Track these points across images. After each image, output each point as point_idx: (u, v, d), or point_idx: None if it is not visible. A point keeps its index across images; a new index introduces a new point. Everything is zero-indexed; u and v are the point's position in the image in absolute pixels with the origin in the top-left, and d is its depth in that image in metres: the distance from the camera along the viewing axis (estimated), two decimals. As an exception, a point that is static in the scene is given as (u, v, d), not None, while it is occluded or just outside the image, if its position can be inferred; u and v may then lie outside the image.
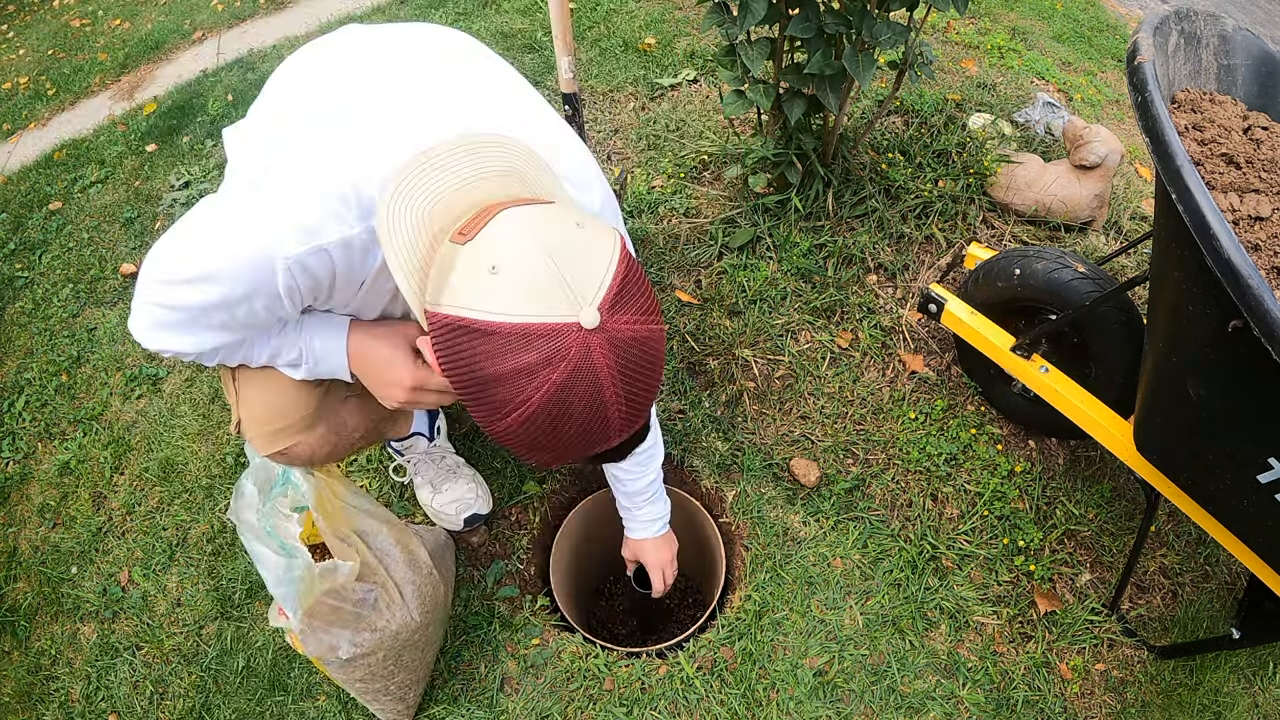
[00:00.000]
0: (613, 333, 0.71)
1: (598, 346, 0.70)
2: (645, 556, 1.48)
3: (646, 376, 0.75)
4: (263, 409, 1.05)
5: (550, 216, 0.76)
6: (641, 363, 0.74)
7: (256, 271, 0.82)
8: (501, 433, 0.74)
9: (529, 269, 0.70)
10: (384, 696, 1.29)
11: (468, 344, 0.71)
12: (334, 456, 1.17)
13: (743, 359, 1.80)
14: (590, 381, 0.70)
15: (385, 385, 1.00)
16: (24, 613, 1.66)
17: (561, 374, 0.69)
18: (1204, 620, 1.49)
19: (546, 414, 0.71)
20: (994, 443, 1.66)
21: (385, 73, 0.95)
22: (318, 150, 0.87)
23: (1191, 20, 1.17)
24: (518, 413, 0.71)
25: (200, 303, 0.86)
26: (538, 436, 0.73)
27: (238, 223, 0.83)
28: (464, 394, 0.74)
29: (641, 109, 2.44)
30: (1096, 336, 1.43)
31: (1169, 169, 0.93)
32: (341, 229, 0.83)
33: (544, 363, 0.69)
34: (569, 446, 0.75)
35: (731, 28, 1.57)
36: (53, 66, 3.52)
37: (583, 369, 0.70)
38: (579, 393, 0.70)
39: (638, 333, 0.73)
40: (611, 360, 0.71)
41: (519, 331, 0.69)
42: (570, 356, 0.69)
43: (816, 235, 1.94)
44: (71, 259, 2.40)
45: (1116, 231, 1.99)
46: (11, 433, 1.98)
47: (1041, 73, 2.57)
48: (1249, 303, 0.85)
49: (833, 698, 1.38)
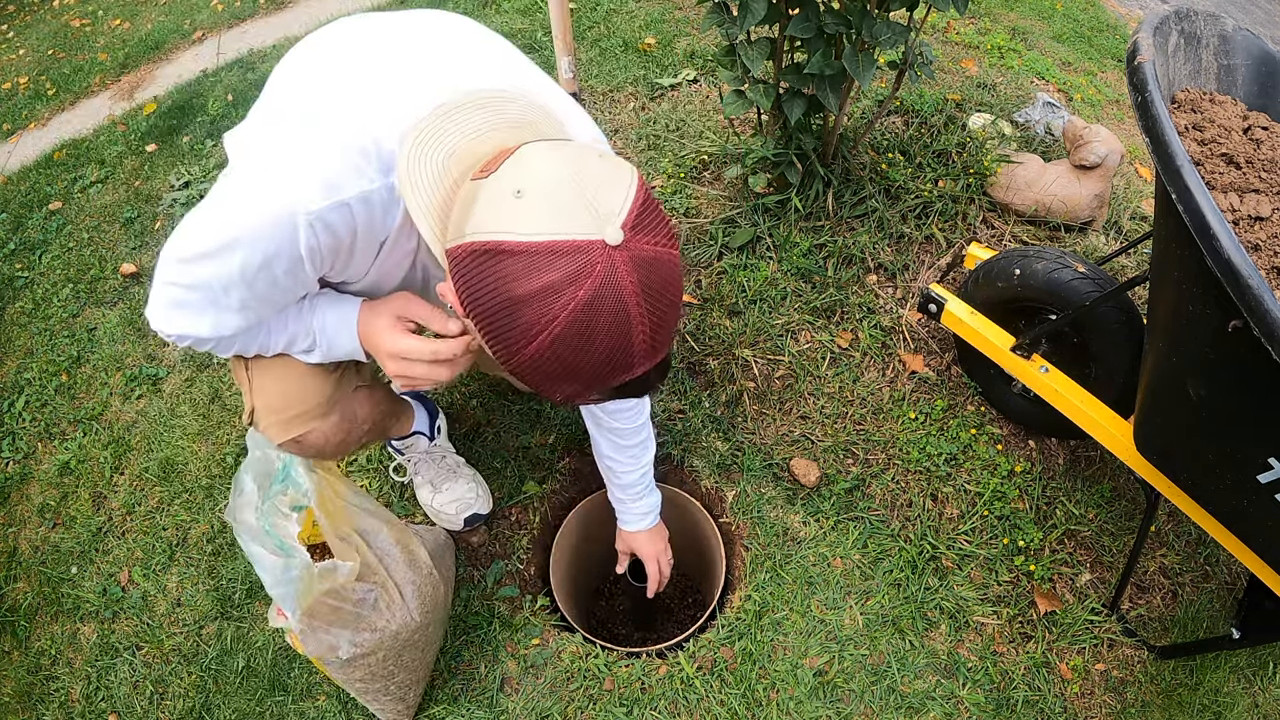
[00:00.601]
0: (636, 250, 0.71)
1: (622, 263, 0.70)
2: (641, 548, 1.51)
3: (669, 299, 0.75)
4: (278, 397, 1.06)
5: (571, 147, 0.77)
6: (664, 284, 0.74)
7: (279, 229, 0.82)
8: (528, 361, 0.73)
9: (554, 190, 0.71)
10: (384, 696, 1.29)
11: (493, 268, 0.70)
12: (344, 448, 1.18)
13: (743, 359, 1.80)
14: (616, 299, 0.70)
15: (380, 359, 1.00)
16: (24, 613, 1.66)
17: (588, 291, 0.69)
18: (1204, 620, 1.49)
19: (574, 333, 0.70)
20: (994, 443, 1.66)
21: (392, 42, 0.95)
22: (335, 108, 0.87)
23: (1191, 20, 1.17)
24: (545, 334, 0.71)
25: (220, 279, 0.86)
26: (565, 361, 0.72)
27: (257, 184, 0.84)
28: (489, 324, 0.73)
29: (641, 109, 2.44)
30: (1096, 336, 1.43)
31: (1169, 169, 0.93)
32: (362, 183, 0.84)
33: (570, 279, 0.68)
34: (595, 373, 0.74)
35: (731, 28, 1.57)
36: (53, 66, 3.52)
37: (608, 285, 0.69)
38: (605, 311, 0.70)
39: (660, 254, 0.73)
40: (635, 278, 0.71)
41: (545, 249, 0.69)
42: (596, 273, 0.69)
43: (816, 235, 1.94)
44: (71, 259, 2.40)
45: (1116, 231, 1.99)
46: (11, 433, 1.98)
47: (1041, 73, 2.57)
48: (1249, 303, 0.85)
49: (833, 698, 1.38)
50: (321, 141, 0.84)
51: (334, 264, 0.92)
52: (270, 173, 0.84)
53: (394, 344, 0.97)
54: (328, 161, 0.83)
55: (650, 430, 1.39)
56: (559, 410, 1.76)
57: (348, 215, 0.84)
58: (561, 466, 1.70)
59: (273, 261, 0.85)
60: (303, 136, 0.86)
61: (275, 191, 0.82)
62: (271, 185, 0.83)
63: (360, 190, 0.84)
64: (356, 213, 0.85)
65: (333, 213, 0.83)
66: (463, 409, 1.78)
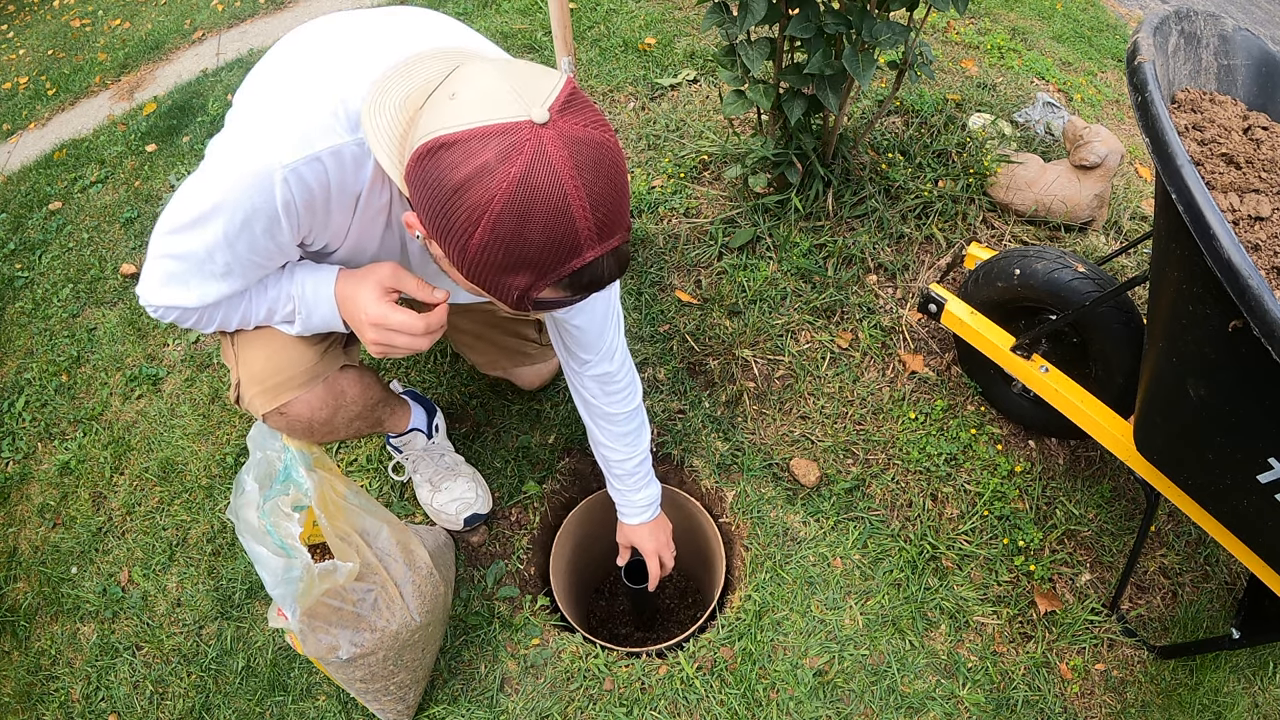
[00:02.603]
0: (563, 129, 0.75)
1: (550, 140, 0.73)
2: (642, 542, 1.50)
3: (607, 178, 0.77)
4: (261, 365, 1.11)
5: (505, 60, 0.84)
6: (598, 161, 0.76)
7: (256, 187, 0.87)
8: (476, 252, 0.76)
9: (485, 87, 0.76)
10: (384, 696, 1.29)
11: (434, 164, 0.75)
12: (331, 429, 1.20)
13: (743, 359, 1.80)
14: (547, 172, 0.73)
15: (361, 326, 1.02)
16: (24, 613, 1.66)
17: (519, 167, 0.72)
18: (1204, 620, 1.49)
19: (512, 212, 0.73)
20: (994, 443, 1.66)
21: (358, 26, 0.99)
22: (303, 81, 0.92)
23: (1191, 20, 1.17)
24: (486, 216, 0.74)
25: (206, 244, 0.91)
26: (510, 244, 0.75)
27: (233, 150, 0.89)
28: (437, 221, 0.77)
29: (641, 109, 2.44)
30: (1096, 336, 1.43)
31: (1169, 169, 0.93)
32: (331, 139, 0.88)
33: (501, 157, 0.72)
34: (543, 257, 0.76)
35: (731, 28, 1.57)
36: (53, 66, 3.53)
37: (539, 160, 0.73)
38: (538, 185, 0.73)
39: (590, 134, 0.76)
40: (565, 154, 0.74)
41: (477, 134, 0.73)
42: (525, 150, 0.73)
43: (816, 235, 1.94)
44: (71, 259, 2.40)
45: (1116, 231, 1.99)
46: (11, 433, 1.98)
47: (1041, 73, 2.57)
48: (1249, 303, 0.85)
49: (833, 698, 1.38)
50: (291, 106, 0.89)
51: (312, 226, 0.95)
52: (244, 138, 0.89)
53: (381, 314, 0.99)
54: (298, 121, 0.88)
55: (644, 417, 1.41)
56: (559, 410, 1.76)
57: (320, 170, 0.88)
58: (561, 466, 1.70)
59: (252, 220, 0.89)
60: (274, 105, 0.91)
61: (250, 153, 0.87)
62: (246, 148, 0.88)
63: (331, 144, 0.88)
64: (329, 167, 0.89)
65: (305, 166, 0.87)
66: (463, 409, 1.78)
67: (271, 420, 1.14)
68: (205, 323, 1.05)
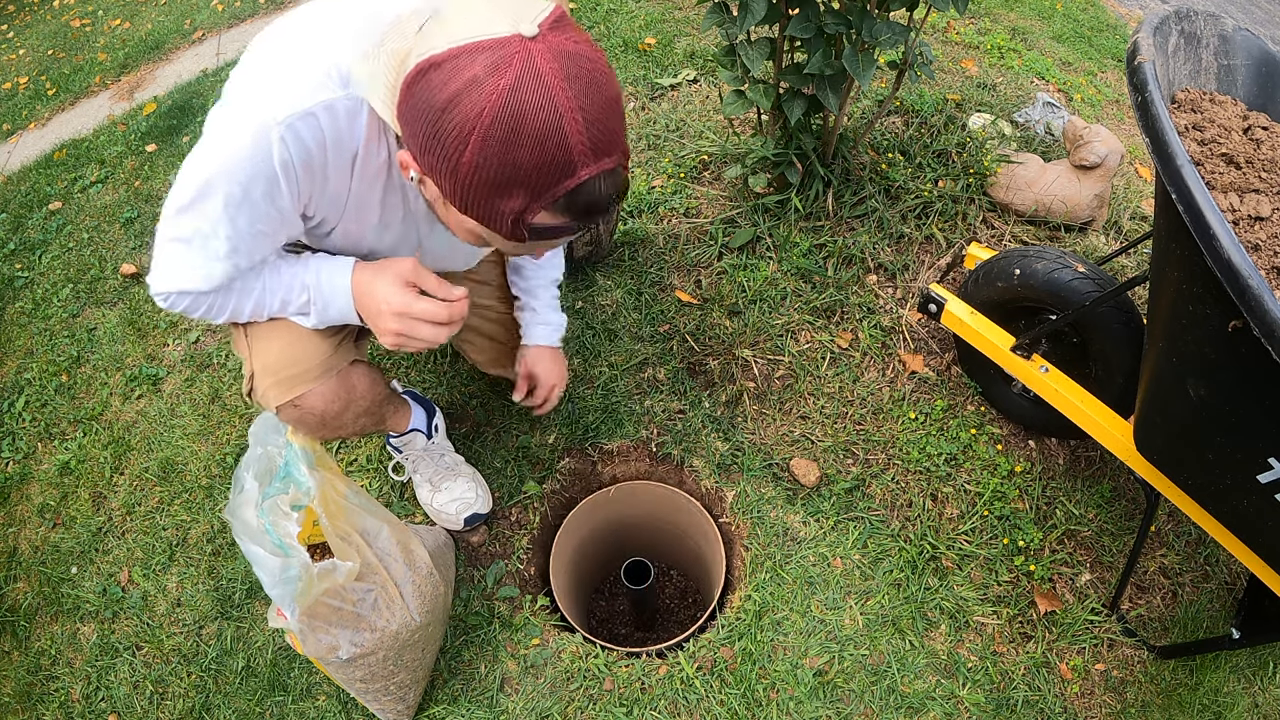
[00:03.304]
0: (554, 44, 0.73)
1: (540, 53, 0.72)
2: (541, 366, 1.47)
3: (600, 92, 0.76)
4: (276, 356, 1.10)
5: None
6: (591, 76, 0.75)
7: (253, 149, 0.86)
8: (468, 171, 0.75)
9: (473, 7, 0.76)
10: (384, 696, 1.29)
11: (423, 86, 0.74)
12: (340, 423, 1.20)
13: (743, 359, 1.80)
14: (538, 84, 0.72)
15: (379, 316, 1.02)
16: (24, 613, 1.66)
17: (508, 78, 0.71)
18: (1204, 620, 1.49)
19: (503, 125, 0.72)
20: (994, 443, 1.66)
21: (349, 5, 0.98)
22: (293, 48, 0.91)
23: (1191, 20, 1.17)
24: (476, 131, 0.72)
25: (210, 219, 0.91)
26: (502, 160, 0.74)
27: (227, 120, 0.89)
28: (427, 142, 0.76)
29: (641, 109, 2.44)
30: (1096, 336, 1.43)
31: (1169, 169, 0.93)
32: (323, 94, 0.87)
33: (490, 70, 0.71)
34: (537, 174, 0.75)
35: (731, 28, 1.57)
36: (53, 66, 3.53)
37: (529, 71, 0.72)
38: (529, 96, 0.72)
39: (580, 50, 0.75)
40: (556, 66, 0.73)
41: (465, 50, 0.73)
42: (514, 62, 0.72)
43: (816, 235, 1.94)
44: (71, 259, 2.40)
45: (1116, 231, 1.99)
46: (11, 433, 1.98)
47: (1041, 73, 2.57)
48: (1249, 303, 0.85)
49: (833, 698, 1.38)
50: (284, 69, 0.89)
51: (311, 191, 0.94)
52: (237, 106, 0.89)
53: (405, 303, 1.00)
54: (289, 81, 0.87)
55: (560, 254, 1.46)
56: (559, 410, 1.76)
57: (315, 126, 0.87)
58: (561, 466, 1.70)
59: (250, 185, 0.89)
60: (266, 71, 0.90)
61: (244, 117, 0.87)
62: (240, 114, 0.88)
63: (324, 99, 0.87)
64: (324, 123, 0.88)
65: (301, 121, 0.86)
66: (463, 409, 1.78)
67: (284, 413, 1.13)
68: (216, 311, 1.04)
